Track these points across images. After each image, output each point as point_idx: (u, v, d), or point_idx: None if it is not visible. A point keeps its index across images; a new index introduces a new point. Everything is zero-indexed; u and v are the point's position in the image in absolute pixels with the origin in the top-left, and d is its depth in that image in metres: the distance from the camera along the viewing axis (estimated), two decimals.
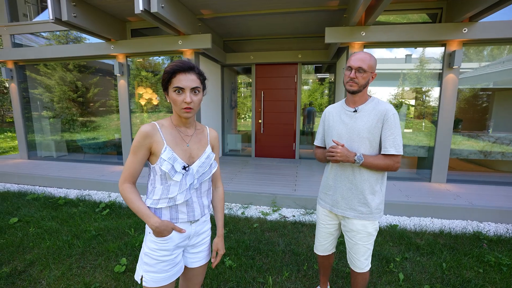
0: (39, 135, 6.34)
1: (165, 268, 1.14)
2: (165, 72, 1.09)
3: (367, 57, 1.39)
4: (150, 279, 1.13)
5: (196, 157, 1.20)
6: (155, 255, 1.13)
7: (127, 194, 1.10)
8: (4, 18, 5.77)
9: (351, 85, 1.41)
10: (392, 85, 4.58)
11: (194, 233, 1.22)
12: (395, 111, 1.41)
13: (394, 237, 2.80)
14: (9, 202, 3.78)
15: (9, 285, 2.07)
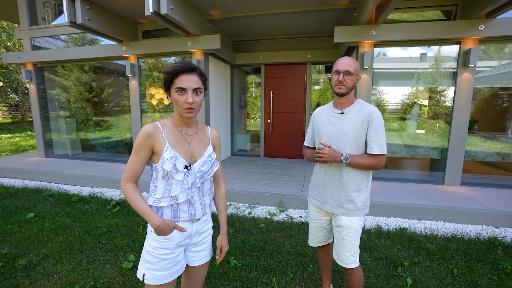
0: (55, 134, 6.59)
1: (167, 266, 1.16)
2: (167, 73, 1.10)
3: (352, 62, 1.49)
4: (152, 276, 1.15)
5: (198, 156, 1.21)
6: (157, 253, 1.15)
7: (129, 193, 1.13)
8: (25, 23, 6.04)
9: (340, 87, 1.50)
10: (405, 84, 4.45)
11: (195, 232, 1.24)
12: (379, 113, 1.51)
13: (403, 241, 2.73)
14: (27, 198, 3.95)
15: (25, 277, 2.17)
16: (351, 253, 1.56)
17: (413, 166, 4.64)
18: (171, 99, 1.14)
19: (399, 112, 4.53)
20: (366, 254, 2.50)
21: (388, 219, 3.30)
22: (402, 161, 4.64)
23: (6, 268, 2.27)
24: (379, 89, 4.51)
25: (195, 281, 1.33)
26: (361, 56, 3.98)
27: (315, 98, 6.49)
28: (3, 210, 3.50)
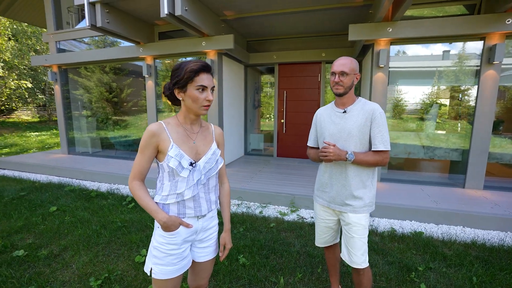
0: (77, 133, 6.92)
1: (173, 261, 1.19)
2: (189, 71, 1.10)
3: (348, 61, 1.50)
4: (159, 271, 1.18)
5: (203, 154, 1.23)
6: (164, 249, 1.18)
7: (136, 191, 1.16)
8: (51, 27, 6.38)
9: (337, 88, 1.52)
10: (425, 83, 4.26)
11: (201, 228, 1.26)
12: (381, 110, 1.51)
13: (418, 245, 2.63)
14: (51, 192, 4.18)
15: (46, 266, 2.30)
16: (361, 251, 1.55)
17: (431, 168, 4.44)
18: (186, 96, 1.14)
19: (417, 111, 4.37)
20: (378, 257, 2.43)
21: (403, 222, 3.19)
22: (420, 162, 4.46)
23: (30, 257, 2.42)
24: (397, 88, 4.36)
25: (201, 276, 1.35)
26: (377, 54, 3.87)
27: (331, 98, 6.38)
28: (30, 203, 3.72)
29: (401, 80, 4.28)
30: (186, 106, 1.19)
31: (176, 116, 1.24)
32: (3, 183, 4.75)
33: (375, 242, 2.68)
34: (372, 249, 2.55)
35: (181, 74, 1.12)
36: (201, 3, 4.12)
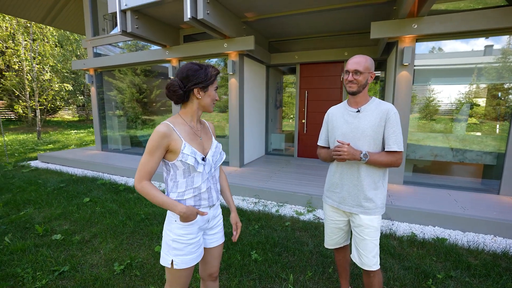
0: (110, 131, 7.45)
1: (193, 250, 1.27)
2: (214, 74, 1.24)
3: (362, 59, 1.48)
4: (180, 261, 1.24)
5: (208, 148, 1.33)
6: (184, 240, 1.25)
7: (148, 190, 1.18)
8: (89, 34, 6.96)
9: (351, 86, 1.50)
10: (460, 82, 3.96)
11: (212, 216, 1.36)
12: (396, 110, 1.49)
13: (439, 252, 2.50)
14: (85, 185, 4.57)
15: (78, 250, 2.55)
16: (373, 253, 1.53)
17: (461, 172, 4.15)
18: (206, 95, 1.25)
19: (447, 112, 4.11)
20: (394, 261, 2.36)
21: (425, 227, 3.04)
22: (447, 165, 4.19)
23: (65, 241, 2.70)
24: (429, 87, 4.12)
25: (212, 264, 1.43)
26: (400, 52, 3.71)
27: None
28: (67, 194, 4.11)
29: (432, 79, 4.04)
30: (200, 105, 1.27)
31: (180, 116, 1.29)
32: (47, 175, 5.28)
33: (392, 246, 2.60)
34: (389, 253, 2.48)
35: (207, 77, 1.22)
36: (222, 6, 4.25)
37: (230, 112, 5.28)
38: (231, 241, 2.68)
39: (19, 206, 3.65)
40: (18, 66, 12.60)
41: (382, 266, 2.28)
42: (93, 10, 6.89)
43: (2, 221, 3.16)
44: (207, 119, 6.29)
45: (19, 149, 8.67)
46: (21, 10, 7.25)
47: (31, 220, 3.20)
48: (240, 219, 1.44)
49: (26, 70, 12.57)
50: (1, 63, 12.49)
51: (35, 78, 12.55)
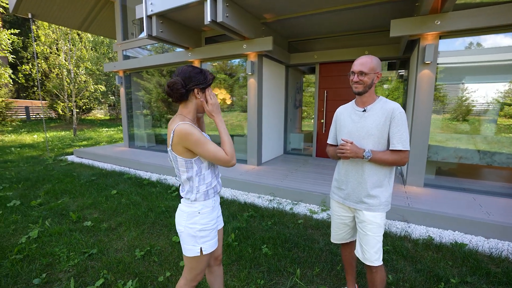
0: (136, 129, 7.92)
1: (215, 234, 1.42)
2: (212, 78, 1.36)
3: (368, 60, 1.51)
4: (208, 246, 1.37)
5: None
6: (209, 226, 1.37)
7: (229, 147, 1.33)
8: (119, 38, 7.46)
9: (356, 87, 1.55)
10: (498, 80, 3.70)
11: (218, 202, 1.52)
12: (401, 110, 1.50)
13: (456, 257, 2.41)
14: (113, 179, 4.94)
15: (105, 236, 2.80)
16: (375, 249, 1.56)
17: (489, 176, 3.91)
18: (203, 96, 1.35)
19: (475, 112, 3.89)
20: (406, 263, 2.32)
21: (444, 231, 2.93)
22: (473, 169, 3.97)
23: (95, 227, 2.97)
24: (463, 86, 3.93)
25: (217, 247, 1.57)
26: (422, 50, 3.58)
27: None
28: (97, 186, 4.48)
29: (466, 77, 3.84)
30: (197, 105, 1.37)
31: (184, 116, 1.36)
32: (81, 169, 5.77)
33: (406, 248, 2.55)
34: (401, 255, 2.44)
35: (206, 79, 1.34)
36: (241, 8, 4.37)
37: (248, 111, 5.40)
38: (244, 235, 2.79)
39: (57, 195, 4.05)
40: (59, 70, 13.76)
41: (393, 267, 2.26)
42: (123, 16, 7.38)
43: (44, 208, 3.55)
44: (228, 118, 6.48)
45: (58, 144, 9.50)
46: (62, 19, 7.96)
47: (66, 208, 3.55)
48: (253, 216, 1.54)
49: (65, 73, 13.70)
50: (45, 67, 13.73)
51: (73, 80, 13.63)
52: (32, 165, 6.19)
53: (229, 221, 3.12)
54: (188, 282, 1.42)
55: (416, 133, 3.80)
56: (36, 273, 2.18)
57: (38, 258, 2.38)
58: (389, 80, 6.40)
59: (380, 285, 1.60)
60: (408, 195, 3.60)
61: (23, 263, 2.30)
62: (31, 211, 3.43)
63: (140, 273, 2.16)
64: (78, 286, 2.03)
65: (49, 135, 12.08)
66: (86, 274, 2.17)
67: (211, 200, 1.39)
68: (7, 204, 3.66)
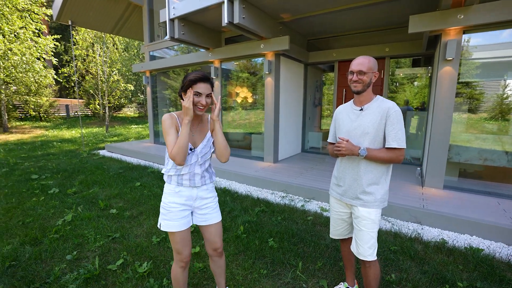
0: (161, 126, 8.36)
1: (174, 217, 1.54)
2: (188, 80, 1.45)
3: (365, 60, 1.56)
4: (164, 225, 1.55)
5: (199, 143, 1.59)
6: (168, 207, 1.54)
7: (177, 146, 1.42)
8: (146, 40, 7.92)
9: (355, 86, 1.60)
10: None
11: (197, 197, 1.60)
12: (397, 108, 1.54)
13: (469, 261, 2.33)
14: (138, 172, 5.32)
15: (127, 223, 3.08)
16: (369, 245, 1.60)
17: None
18: (185, 96, 1.49)
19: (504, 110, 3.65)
20: (412, 263, 2.30)
21: (460, 235, 2.82)
22: (500, 171, 3.72)
23: (119, 215, 3.28)
24: (505, 83, 3.71)
25: (212, 240, 1.68)
26: (443, 46, 3.43)
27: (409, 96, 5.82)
28: (124, 178, 4.87)
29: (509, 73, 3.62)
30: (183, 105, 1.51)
31: (182, 112, 1.52)
32: (111, 163, 6.27)
33: (415, 249, 2.51)
34: (408, 255, 2.41)
35: (184, 82, 1.49)
36: (258, 9, 4.48)
37: (265, 110, 5.50)
38: (253, 228, 2.92)
39: (89, 185, 4.48)
40: (94, 70, 14.87)
41: (398, 267, 2.25)
42: (150, 19, 7.82)
43: (77, 196, 3.96)
44: (250, 116, 6.64)
45: (92, 140, 10.33)
46: (96, 24, 8.64)
47: (96, 196, 3.93)
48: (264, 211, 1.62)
49: (100, 74, 14.77)
50: (82, 68, 14.92)
51: (106, 80, 14.64)
52: (69, 158, 6.84)
53: (241, 215, 3.27)
54: (175, 261, 1.63)
55: (435, 133, 3.66)
56: (69, 250, 2.50)
57: (71, 238, 2.71)
58: (419, 77, 6.15)
59: (373, 280, 1.63)
60: (424, 196, 3.49)
61: (59, 242, 2.64)
62: (67, 198, 3.85)
63: (154, 257, 2.38)
64: (102, 264, 2.29)
65: (84, 131, 13.14)
66: (109, 254, 2.44)
67: (173, 186, 1.55)
68: (48, 191, 4.13)
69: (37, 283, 2.04)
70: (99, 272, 2.16)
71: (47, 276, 2.13)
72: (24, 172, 5.34)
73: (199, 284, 2.06)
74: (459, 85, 3.62)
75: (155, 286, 2.00)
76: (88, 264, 2.26)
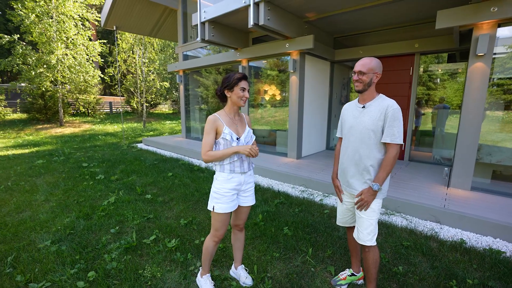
0: (193, 122, 8.92)
1: (227, 201, 1.80)
2: (236, 78, 1.73)
3: (367, 61, 1.68)
4: (218, 207, 1.80)
5: (242, 132, 1.85)
6: (221, 192, 1.79)
7: (214, 153, 1.72)
8: (180, 41, 8.48)
9: (357, 85, 1.73)
10: None
11: (244, 181, 1.87)
12: (396, 106, 1.64)
13: (484, 262, 2.31)
14: (170, 164, 5.83)
15: (160, 207, 3.49)
16: (368, 231, 1.73)
17: None
18: (233, 93, 1.76)
19: None
20: (423, 259, 2.34)
21: (481, 237, 2.75)
22: None
23: (153, 200, 3.71)
24: None
25: (240, 218, 1.98)
26: (474, 41, 3.29)
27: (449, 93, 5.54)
28: (158, 169, 5.38)
29: None
30: (231, 101, 1.80)
31: (224, 110, 1.85)
32: (147, 155, 6.91)
33: (429, 247, 2.53)
34: (421, 251, 2.45)
35: (231, 80, 1.75)
36: (282, 10, 4.63)
37: (290, 107, 5.65)
38: (270, 217, 3.14)
39: (128, 173, 5.05)
40: (134, 70, 16.14)
41: (407, 261, 2.32)
42: (184, 22, 8.35)
43: (119, 182, 4.52)
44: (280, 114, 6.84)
45: (131, 134, 11.31)
46: (136, 28, 9.45)
47: (134, 183, 4.45)
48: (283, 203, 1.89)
49: (139, 73, 15.98)
50: (124, 68, 16.27)
51: (144, 79, 15.80)
52: (112, 149, 7.66)
53: (260, 205, 3.51)
54: (211, 235, 1.88)
55: (463, 132, 3.53)
56: (112, 225, 2.95)
57: (114, 216, 3.18)
58: (460, 73, 5.83)
59: (372, 263, 1.75)
60: (448, 197, 3.41)
61: (105, 218, 3.12)
62: (111, 184, 4.42)
63: (181, 236, 2.72)
64: (138, 238, 2.69)
65: (125, 126, 14.38)
66: (144, 231, 2.84)
67: (226, 174, 1.79)
68: (96, 177, 4.77)
69: (89, 248, 2.50)
70: (136, 244, 2.56)
71: (96, 244, 2.58)
72: (76, 160, 6.15)
73: (219, 260, 2.34)
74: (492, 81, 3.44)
75: (181, 258, 2.33)
76: (127, 237, 2.67)
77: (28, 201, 3.68)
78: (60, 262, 2.28)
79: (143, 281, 2.06)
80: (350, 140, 1.80)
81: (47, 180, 4.65)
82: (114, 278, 2.10)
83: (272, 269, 2.22)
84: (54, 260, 2.31)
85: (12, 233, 2.78)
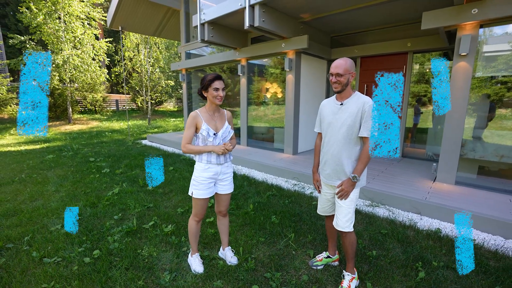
0: None
1: (203, 188, 2.04)
2: (208, 80, 1.94)
3: (342, 63, 1.79)
4: (196, 193, 2.06)
5: (220, 128, 2.05)
6: (199, 180, 2.04)
7: (192, 147, 1.97)
8: (183, 41, 8.74)
9: (335, 86, 1.85)
10: None
11: (221, 172, 2.09)
12: (371, 103, 1.75)
13: (453, 248, 2.49)
14: (172, 159, 6.11)
15: (160, 197, 3.75)
16: (346, 218, 1.90)
17: None
18: (208, 93, 1.97)
19: None
20: (397, 245, 2.54)
21: None
22: None
23: (154, 191, 3.98)
24: None
25: (222, 205, 2.21)
26: (457, 41, 3.44)
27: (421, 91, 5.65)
28: None
29: None
30: (209, 100, 2.01)
31: (205, 107, 2.06)
32: (151, 151, 7.21)
33: (405, 234, 2.72)
34: (396, 239, 2.64)
35: (204, 82, 1.96)
36: (277, 12, 4.82)
37: (286, 105, 5.86)
38: (261, 207, 3.37)
39: (132, 168, 5.35)
40: (139, 69, 16.51)
41: (382, 246, 2.52)
42: (187, 22, 8.60)
43: (123, 175, 4.81)
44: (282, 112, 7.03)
45: (137, 131, 11.67)
46: (141, 28, 9.75)
47: (137, 177, 4.74)
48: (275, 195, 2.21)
49: (144, 71, 16.34)
50: (129, 66, 16.66)
51: (149, 77, 16.15)
52: (118, 145, 7.99)
53: (253, 196, 3.74)
54: (192, 216, 2.15)
55: (448, 129, 3.68)
56: (116, 212, 3.23)
57: (117, 205, 3.46)
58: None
59: (349, 245, 1.95)
60: (431, 190, 3.58)
61: (109, 206, 3.41)
62: (115, 177, 4.71)
63: (177, 222, 2.98)
64: (138, 223, 2.96)
65: (130, 123, 14.77)
66: (144, 218, 3.11)
67: (203, 164, 2.02)
68: (102, 170, 5.07)
69: (95, 231, 2.78)
70: (136, 228, 2.83)
71: (101, 228, 2.86)
72: (84, 155, 6.49)
73: (209, 243, 2.59)
74: (474, 80, 3.58)
75: (175, 241, 2.58)
76: (129, 223, 2.95)
77: (41, 191, 3.99)
78: (69, 242, 2.57)
79: (141, 259, 2.32)
80: (329, 135, 1.93)
81: (57, 173, 4.98)
82: (115, 256, 2.37)
83: (257, 251, 2.45)
84: (64, 241, 2.59)
85: (27, 218, 3.08)
